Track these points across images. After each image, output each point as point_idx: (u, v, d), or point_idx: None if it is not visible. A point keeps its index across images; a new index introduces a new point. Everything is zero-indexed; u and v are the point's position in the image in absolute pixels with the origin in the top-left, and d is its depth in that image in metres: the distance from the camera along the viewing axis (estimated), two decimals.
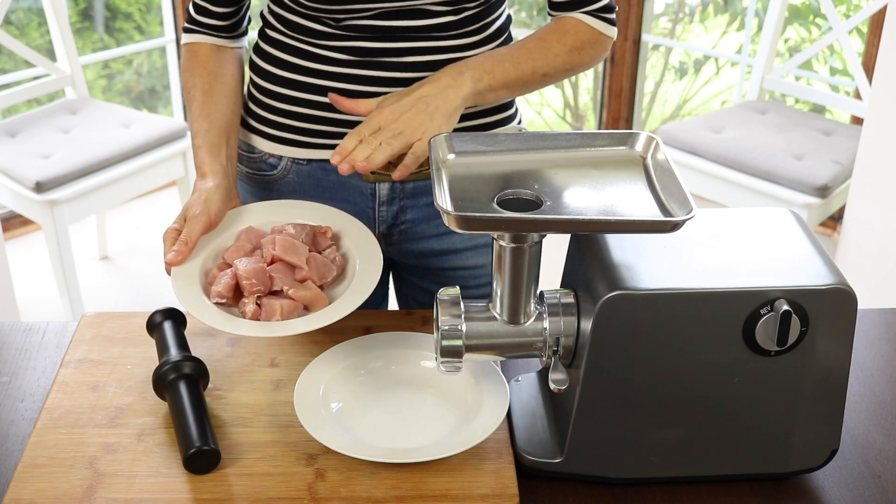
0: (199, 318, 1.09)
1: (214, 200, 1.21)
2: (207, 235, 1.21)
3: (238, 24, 1.33)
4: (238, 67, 1.34)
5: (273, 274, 1.14)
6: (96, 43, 3.80)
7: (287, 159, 1.32)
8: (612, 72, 3.62)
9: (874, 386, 1.17)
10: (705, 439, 0.99)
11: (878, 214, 2.38)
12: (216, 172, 1.24)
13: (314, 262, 1.16)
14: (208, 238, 1.21)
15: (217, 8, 1.30)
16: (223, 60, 1.32)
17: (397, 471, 0.99)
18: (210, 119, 1.27)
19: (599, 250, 0.99)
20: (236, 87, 1.32)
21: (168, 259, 1.16)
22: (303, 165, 1.31)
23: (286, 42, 1.29)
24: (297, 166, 1.31)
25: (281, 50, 1.29)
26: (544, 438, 1.04)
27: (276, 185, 1.34)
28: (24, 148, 2.70)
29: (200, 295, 1.14)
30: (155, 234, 3.39)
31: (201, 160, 1.25)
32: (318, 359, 1.12)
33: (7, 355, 1.20)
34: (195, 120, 1.28)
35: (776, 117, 2.96)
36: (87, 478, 0.99)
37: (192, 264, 1.17)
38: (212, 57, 1.31)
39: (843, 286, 0.94)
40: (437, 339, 1.00)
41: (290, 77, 1.28)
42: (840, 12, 3.58)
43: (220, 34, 1.32)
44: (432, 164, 1.03)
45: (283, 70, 1.29)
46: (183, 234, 1.18)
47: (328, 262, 1.17)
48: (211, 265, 1.19)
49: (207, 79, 1.29)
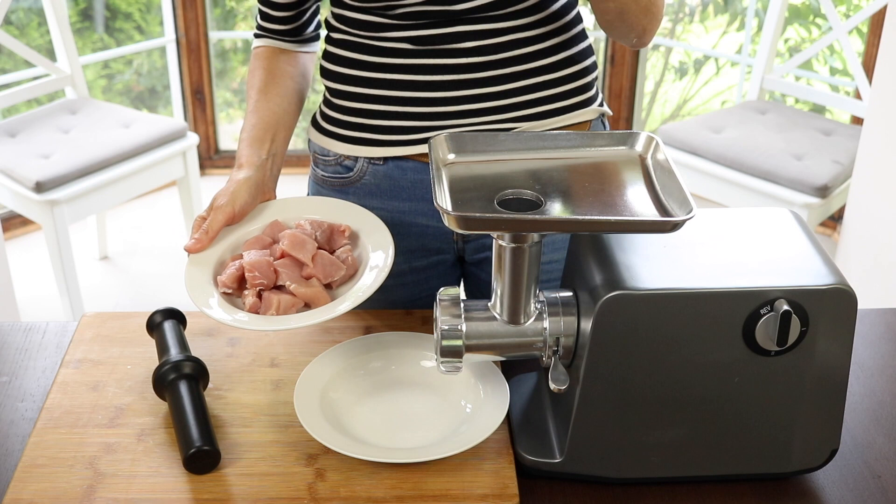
0: (194, 302, 1.10)
1: (242, 192, 1.21)
2: (234, 227, 1.21)
3: (302, 27, 1.34)
4: (298, 69, 1.34)
5: (279, 269, 1.14)
6: (96, 43, 3.80)
7: (363, 160, 1.30)
8: (612, 72, 3.62)
9: (874, 386, 1.17)
10: (705, 439, 0.99)
11: (878, 214, 2.38)
12: (252, 165, 1.24)
13: (321, 260, 1.15)
14: (233, 229, 1.21)
15: (277, 13, 1.31)
16: (282, 61, 1.33)
17: (397, 471, 0.99)
18: (259, 115, 1.28)
19: (599, 250, 0.99)
20: (293, 88, 1.33)
21: (187, 246, 1.17)
22: (378, 165, 1.30)
23: (348, 40, 1.28)
24: (373, 167, 1.30)
25: (345, 48, 1.29)
26: (544, 438, 1.04)
27: (352, 188, 1.32)
28: (24, 148, 2.70)
29: (209, 283, 1.14)
30: (155, 234, 3.39)
31: (241, 152, 1.26)
32: (318, 359, 1.12)
33: (7, 355, 1.20)
34: (246, 117, 1.29)
35: (776, 117, 2.96)
36: (87, 478, 0.99)
37: (209, 253, 1.18)
38: (272, 58, 1.33)
39: (843, 286, 0.94)
40: (437, 339, 1.00)
41: (357, 74, 1.28)
42: (840, 12, 3.58)
43: (285, 38, 1.33)
44: (432, 164, 1.03)
45: (349, 68, 1.28)
46: (205, 224, 1.18)
47: (337, 261, 1.17)
48: (228, 256, 1.19)
49: (264, 78, 1.31)
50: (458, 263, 1.40)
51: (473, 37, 1.22)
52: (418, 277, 1.37)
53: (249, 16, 3.88)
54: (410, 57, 1.24)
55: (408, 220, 1.32)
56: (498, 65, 1.24)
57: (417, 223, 1.32)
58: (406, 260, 1.35)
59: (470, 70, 1.24)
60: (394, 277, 1.35)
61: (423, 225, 1.32)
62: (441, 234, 1.33)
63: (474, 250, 1.36)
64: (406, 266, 1.35)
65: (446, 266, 1.38)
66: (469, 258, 1.38)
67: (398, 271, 1.35)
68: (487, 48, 1.23)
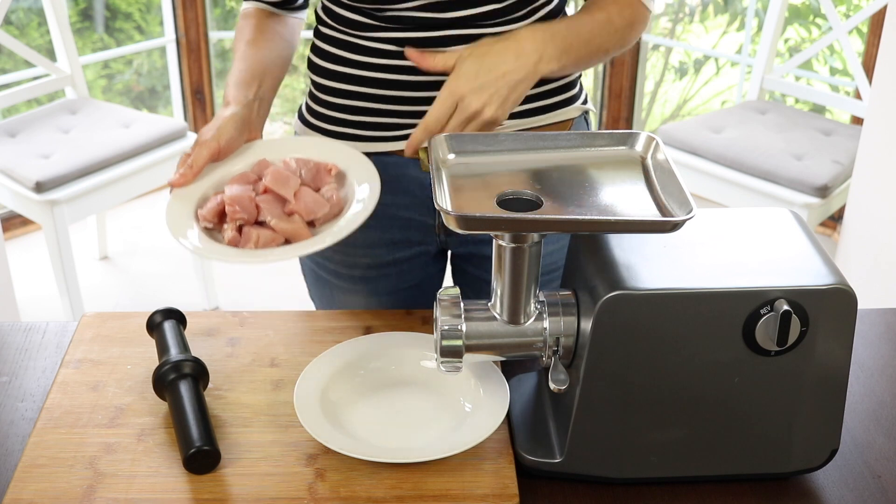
0: (172, 234, 1.09)
1: (228, 128, 1.20)
2: (219, 164, 1.20)
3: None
4: (287, 29, 1.35)
5: (261, 204, 1.12)
6: (96, 43, 3.80)
7: None
8: (612, 72, 3.62)
9: (874, 386, 1.17)
10: (705, 439, 0.99)
11: (878, 214, 2.38)
12: (238, 102, 1.24)
13: (303, 197, 1.14)
14: (218, 166, 1.19)
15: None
16: (272, 21, 1.34)
17: (397, 471, 0.99)
18: (247, 62, 1.28)
19: (599, 250, 0.99)
20: (281, 44, 1.33)
21: (171, 181, 1.16)
22: None
23: (336, 37, 1.29)
24: None
25: (332, 45, 1.29)
26: (544, 438, 1.04)
27: None
28: (24, 148, 2.70)
29: (190, 219, 1.13)
30: (155, 234, 3.39)
31: (228, 92, 1.26)
32: (318, 359, 1.12)
33: (7, 355, 1.20)
34: (234, 64, 1.29)
35: (776, 117, 2.96)
36: (87, 478, 0.99)
37: (192, 189, 1.16)
38: (261, 17, 1.34)
39: (843, 286, 0.94)
40: (437, 339, 1.00)
41: (342, 71, 1.28)
42: (840, 12, 3.58)
43: (274, 4, 1.34)
44: (432, 164, 1.03)
45: (336, 64, 1.29)
46: (190, 159, 1.18)
47: (321, 199, 1.15)
48: (211, 192, 1.17)
49: (253, 32, 1.31)
50: (441, 255, 1.41)
51: (459, 41, 1.23)
52: (401, 269, 1.38)
53: None
54: (395, 58, 1.24)
55: (390, 212, 1.33)
56: None
57: (400, 216, 1.33)
58: (389, 251, 1.36)
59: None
60: (377, 268, 1.38)
61: (405, 217, 1.34)
62: (423, 226, 1.35)
63: (458, 243, 1.38)
64: (389, 257, 1.37)
65: (429, 257, 1.40)
66: (454, 250, 1.39)
67: (381, 262, 1.37)
68: None
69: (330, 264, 1.40)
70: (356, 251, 1.36)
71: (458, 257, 1.41)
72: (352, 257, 1.37)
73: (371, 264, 1.37)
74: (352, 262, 1.38)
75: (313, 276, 1.45)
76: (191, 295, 3.04)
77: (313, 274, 1.45)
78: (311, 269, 1.45)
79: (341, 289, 1.42)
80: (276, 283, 3.03)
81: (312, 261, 1.43)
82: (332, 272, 1.40)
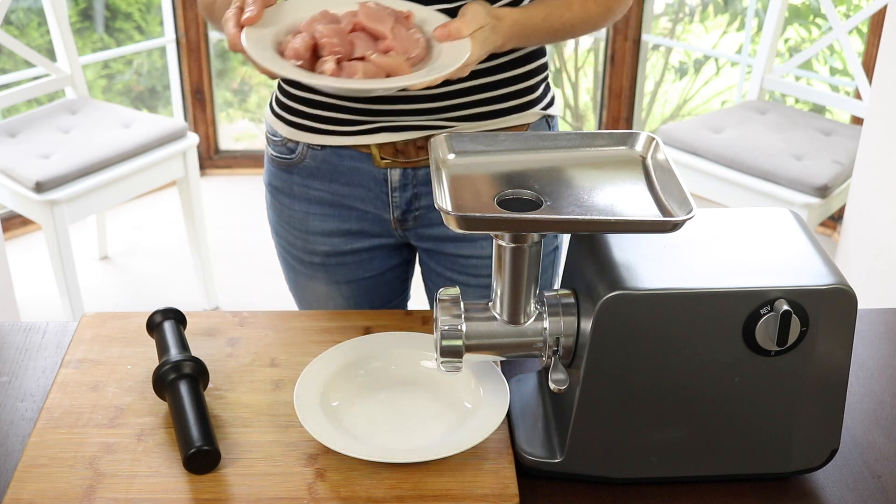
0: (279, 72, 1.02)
1: None
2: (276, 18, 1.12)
3: None
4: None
5: (355, 40, 1.05)
6: (96, 43, 3.80)
7: (303, 145, 1.35)
8: (612, 72, 3.62)
9: (874, 386, 1.17)
10: (705, 439, 0.99)
11: (878, 214, 2.38)
12: None
13: (400, 33, 1.07)
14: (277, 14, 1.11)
15: None
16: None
17: (397, 471, 0.99)
18: None
19: (599, 250, 0.99)
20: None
21: (244, 20, 1.09)
22: (317, 150, 1.34)
23: None
24: (312, 151, 1.34)
25: None
26: (544, 438, 1.04)
27: (294, 169, 1.37)
28: (24, 148, 2.70)
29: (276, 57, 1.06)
30: (155, 234, 3.39)
31: None
32: (318, 359, 1.12)
33: (7, 355, 1.20)
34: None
35: (776, 117, 2.96)
36: (87, 478, 0.99)
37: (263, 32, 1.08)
38: None
39: (843, 286, 0.94)
40: (437, 339, 1.00)
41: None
42: (840, 12, 3.58)
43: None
44: (432, 164, 1.03)
45: None
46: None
47: (414, 36, 1.08)
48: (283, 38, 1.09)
49: None
50: (403, 248, 1.44)
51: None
52: (359, 258, 1.41)
53: None
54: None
55: (347, 203, 1.36)
56: None
57: (356, 207, 1.36)
58: (346, 241, 1.40)
59: None
60: (335, 256, 1.41)
61: (360, 210, 1.36)
62: (379, 220, 1.37)
63: (417, 238, 1.39)
64: (347, 247, 1.40)
65: (388, 249, 1.42)
66: (417, 245, 1.42)
67: (339, 251, 1.41)
68: None
69: (293, 250, 1.44)
70: (315, 238, 1.40)
71: (423, 252, 1.43)
72: (311, 244, 1.41)
73: (329, 252, 1.41)
74: (310, 249, 1.42)
75: (281, 259, 1.49)
76: (191, 295, 3.04)
77: (281, 257, 1.49)
78: (281, 254, 1.49)
79: (304, 275, 1.46)
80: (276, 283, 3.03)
81: (280, 245, 1.47)
82: (296, 258, 1.45)
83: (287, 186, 1.39)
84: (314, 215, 1.39)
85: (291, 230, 1.42)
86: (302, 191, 1.38)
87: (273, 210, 1.45)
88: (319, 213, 1.38)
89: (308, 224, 1.40)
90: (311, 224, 1.40)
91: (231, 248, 3.28)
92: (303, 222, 1.40)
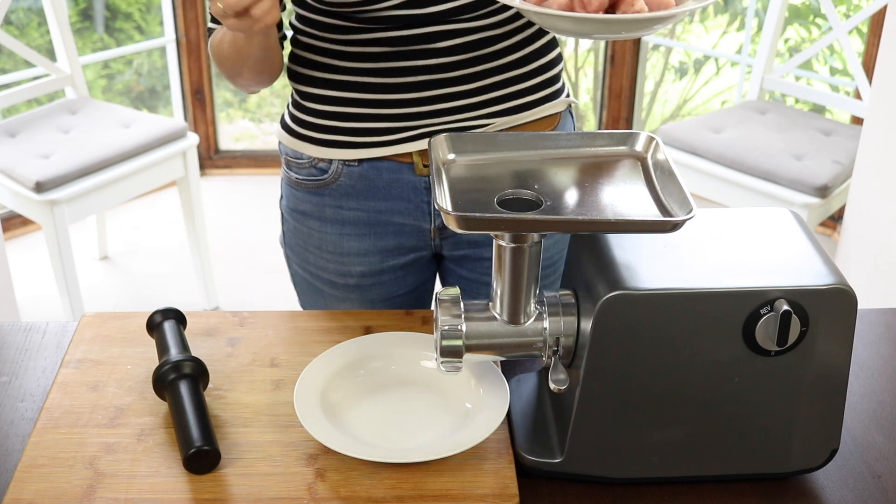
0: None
1: None
2: None
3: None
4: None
5: None
6: (96, 43, 3.80)
7: (337, 162, 1.29)
8: (612, 72, 3.62)
9: (874, 386, 1.17)
10: (705, 439, 0.99)
11: (878, 215, 2.38)
12: None
13: None
14: None
15: None
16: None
17: (397, 471, 0.99)
18: None
19: (599, 250, 0.99)
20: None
21: None
22: (353, 167, 1.29)
23: (315, 44, 1.27)
24: (348, 168, 1.29)
25: (312, 52, 1.27)
26: (544, 438, 1.04)
27: (327, 190, 1.31)
28: (24, 148, 2.70)
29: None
30: (155, 234, 3.39)
31: None
32: (318, 359, 1.12)
33: (7, 355, 1.20)
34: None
35: (776, 117, 2.96)
36: (87, 478, 0.99)
37: None
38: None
39: (843, 286, 0.94)
40: (437, 339, 1.00)
41: (328, 77, 1.27)
42: (840, 12, 3.58)
43: None
44: (432, 164, 1.03)
45: (320, 71, 1.27)
46: None
47: None
48: None
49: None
50: (434, 260, 1.41)
51: (443, 37, 1.22)
52: (395, 276, 1.37)
53: None
54: (380, 60, 1.23)
55: (384, 219, 1.32)
56: (469, 63, 1.24)
57: (394, 222, 1.32)
58: (383, 259, 1.35)
59: (441, 70, 1.23)
60: (371, 276, 1.36)
61: (399, 224, 1.33)
62: (417, 231, 1.34)
63: (453, 246, 1.36)
64: (383, 265, 1.36)
65: (423, 263, 1.39)
66: (448, 253, 1.38)
67: (375, 270, 1.36)
68: (458, 48, 1.23)
69: (323, 274, 1.38)
70: (350, 259, 1.35)
71: (451, 260, 1.40)
72: (346, 266, 1.36)
73: (365, 272, 1.36)
74: (345, 271, 1.36)
75: (305, 284, 1.43)
76: (191, 295, 3.04)
77: (305, 283, 1.43)
78: (302, 279, 1.43)
79: (335, 297, 1.40)
80: (276, 283, 3.03)
81: (305, 270, 1.41)
82: (326, 281, 1.39)
83: (317, 210, 1.33)
84: (348, 236, 1.33)
85: (323, 254, 1.36)
86: (334, 212, 1.32)
87: (297, 236, 1.38)
88: (354, 234, 1.33)
89: (342, 246, 1.34)
90: (345, 245, 1.34)
91: (231, 248, 3.28)
92: (336, 244, 1.35)
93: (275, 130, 1.39)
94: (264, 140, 3.93)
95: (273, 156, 3.71)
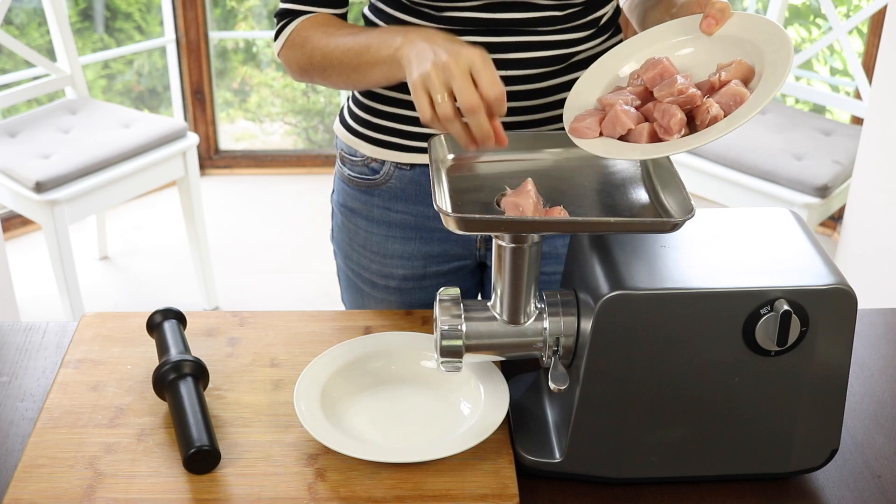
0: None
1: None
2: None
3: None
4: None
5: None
6: (96, 43, 3.80)
7: (389, 164, 1.28)
8: None
9: (874, 386, 1.17)
10: (705, 439, 0.99)
11: (878, 215, 2.38)
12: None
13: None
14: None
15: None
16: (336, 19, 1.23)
17: (397, 471, 0.99)
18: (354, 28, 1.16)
19: (599, 250, 0.99)
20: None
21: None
22: (405, 170, 1.28)
23: None
24: (400, 171, 1.28)
25: None
26: (544, 438, 1.04)
27: (377, 190, 1.31)
28: (24, 148, 2.70)
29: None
30: (155, 234, 3.39)
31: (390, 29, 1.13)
32: (318, 359, 1.12)
33: (7, 355, 1.20)
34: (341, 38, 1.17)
35: (776, 117, 2.96)
36: (87, 478, 0.99)
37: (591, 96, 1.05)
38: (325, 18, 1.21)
39: (843, 286, 0.94)
40: (437, 339, 1.00)
41: None
42: (840, 12, 3.58)
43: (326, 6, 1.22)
44: (432, 164, 1.03)
45: None
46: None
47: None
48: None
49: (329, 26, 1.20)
50: (478, 269, 1.39)
51: (517, 48, 1.19)
52: (437, 282, 1.36)
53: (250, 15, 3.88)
54: None
55: (431, 224, 1.31)
56: (539, 78, 1.22)
57: (441, 228, 1.30)
58: (426, 264, 1.34)
59: (509, 83, 1.19)
60: (413, 280, 1.35)
61: (446, 231, 1.30)
62: (464, 240, 1.32)
63: None
64: (426, 270, 1.35)
65: (466, 272, 1.37)
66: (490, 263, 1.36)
67: (417, 275, 1.35)
68: (531, 61, 1.20)
69: (365, 273, 1.38)
70: (393, 261, 1.34)
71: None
72: (388, 267, 1.35)
73: (407, 276, 1.35)
74: (387, 273, 1.36)
75: (347, 281, 1.43)
76: (191, 295, 3.04)
77: (347, 280, 1.43)
78: (345, 275, 1.43)
79: (374, 298, 1.39)
80: (276, 283, 3.03)
81: (348, 267, 1.40)
82: (368, 281, 1.38)
83: (366, 209, 1.33)
84: (394, 238, 1.33)
85: (367, 253, 1.36)
86: (382, 213, 1.32)
87: (345, 232, 1.38)
88: (400, 237, 1.32)
89: (387, 247, 1.33)
90: (389, 247, 1.33)
91: (231, 248, 3.28)
92: (381, 245, 1.34)
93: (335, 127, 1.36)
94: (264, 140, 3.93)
95: (273, 156, 3.71)
